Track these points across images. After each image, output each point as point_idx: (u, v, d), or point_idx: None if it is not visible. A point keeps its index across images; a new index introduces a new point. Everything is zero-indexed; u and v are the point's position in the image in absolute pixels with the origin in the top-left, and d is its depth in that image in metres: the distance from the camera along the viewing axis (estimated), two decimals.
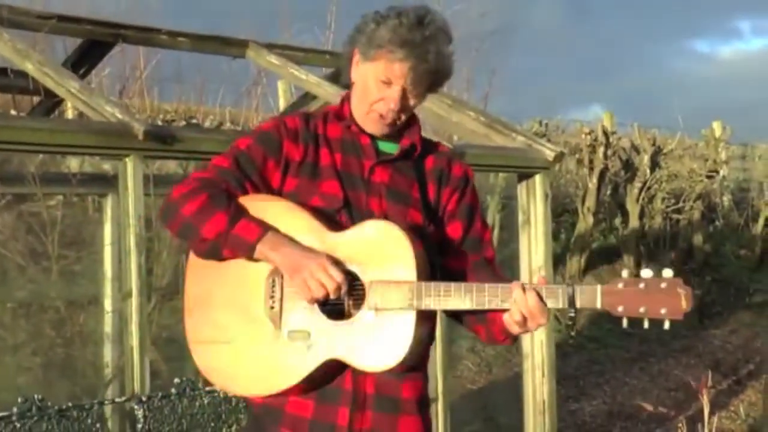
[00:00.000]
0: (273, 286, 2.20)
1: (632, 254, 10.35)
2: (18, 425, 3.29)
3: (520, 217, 4.97)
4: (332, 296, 2.14)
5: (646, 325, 2.16)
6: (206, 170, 2.26)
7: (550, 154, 4.90)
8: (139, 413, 3.57)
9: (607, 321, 9.42)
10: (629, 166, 10.66)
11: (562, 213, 10.82)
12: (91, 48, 4.76)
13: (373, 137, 2.31)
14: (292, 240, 2.17)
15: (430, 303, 2.15)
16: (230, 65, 6.19)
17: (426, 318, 2.21)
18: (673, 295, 2.10)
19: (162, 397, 3.65)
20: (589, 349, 8.75)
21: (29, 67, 3.92)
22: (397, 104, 2.24)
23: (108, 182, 5.11)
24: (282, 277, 2.19)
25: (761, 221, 12.09)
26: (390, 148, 2.32)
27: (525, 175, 4.94)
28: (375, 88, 2.25)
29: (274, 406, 2.23)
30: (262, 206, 2.22)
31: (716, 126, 12.26)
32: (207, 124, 8.68)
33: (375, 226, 2.19)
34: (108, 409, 3.65)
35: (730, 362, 8.60)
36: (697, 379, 4.89)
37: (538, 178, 4.91)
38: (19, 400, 3.35)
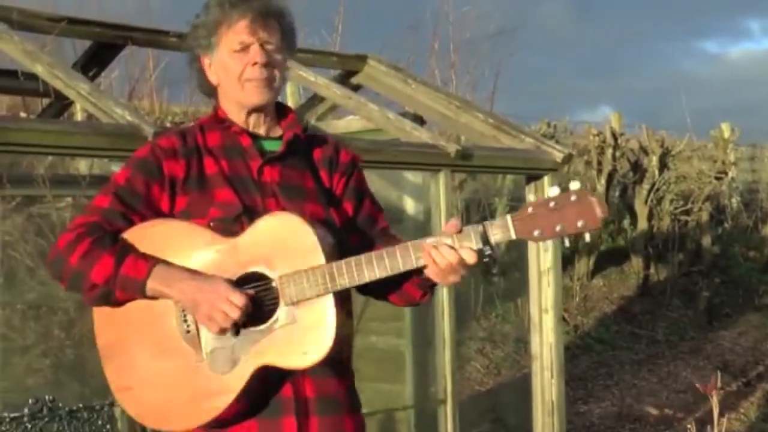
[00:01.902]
0: (183, 309, 2.10)
1: (641, 256, 10.33)
2: (29, 426, 3.31)
3: None
4: (240, 322, 2.06)
5: (566, 243, 2.11)
6: (89, 213, 2.16)
7: (558, 156, 4.90)
8: None
9: (615, 323, 9.41)
10: (638, 168, 10.64)
11: None
12: (100, 50, 4.76)
13: (254, 137, 2.25)
14: (183, 269, 2.08)
15: (345, 281, 2.08)
16: None
17: (344, 299, 2.14)
18: (586, 205, 2.03)
19: None
20: (598, 351, 8.74)
21: (39, 69, 3.92)
22: (262, 57, 2.19)
23: None
24: None
25: None
26: (274, 145, 2.25)
27: (533, 177, 4.94)
28: (236, 62, 2.20)
29: None
30: (150, 233, 2.13)
31: (725, 127, 12.23)
32: None
33: (270, 220, 2.12)
34: (118, 410, 3.65)
35: (739, 364, 8.57)
36: (706, 381, 4.87)
37: (546, 179, 4.90)
38: (30, 401, 3.37)
